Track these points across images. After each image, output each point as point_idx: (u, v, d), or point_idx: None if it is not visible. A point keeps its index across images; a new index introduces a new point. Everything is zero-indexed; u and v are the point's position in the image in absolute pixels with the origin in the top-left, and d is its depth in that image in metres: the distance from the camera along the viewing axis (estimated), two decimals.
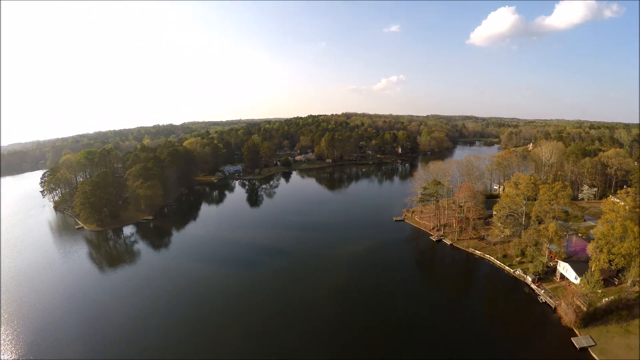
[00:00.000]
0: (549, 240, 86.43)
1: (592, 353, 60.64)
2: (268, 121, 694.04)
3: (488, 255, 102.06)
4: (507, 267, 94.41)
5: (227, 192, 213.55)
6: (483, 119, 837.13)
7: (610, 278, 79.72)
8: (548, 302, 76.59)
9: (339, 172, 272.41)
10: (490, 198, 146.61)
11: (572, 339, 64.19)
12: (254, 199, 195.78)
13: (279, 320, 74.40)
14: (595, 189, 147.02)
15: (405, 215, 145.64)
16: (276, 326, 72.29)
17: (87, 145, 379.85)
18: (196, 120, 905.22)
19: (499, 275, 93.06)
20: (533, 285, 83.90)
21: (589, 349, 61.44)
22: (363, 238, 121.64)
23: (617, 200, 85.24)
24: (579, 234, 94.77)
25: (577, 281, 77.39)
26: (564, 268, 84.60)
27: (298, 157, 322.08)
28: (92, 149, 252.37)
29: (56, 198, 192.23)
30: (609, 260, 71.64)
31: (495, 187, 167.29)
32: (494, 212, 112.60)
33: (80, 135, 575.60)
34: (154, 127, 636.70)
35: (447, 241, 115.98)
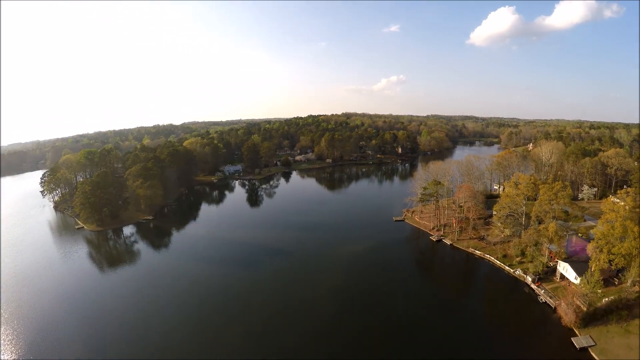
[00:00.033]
0: (549, 240, 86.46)
1: (592, 353, 60.66)
2: (268, 121, 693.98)
3: (488, 255, 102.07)
4: (507, 267, 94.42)
5: (227, 192, 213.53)
6: (483, 119, 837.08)
7: (610, 278, 79.73)
8: (548, 302, 76.59)
9: (339, 172, 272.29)
10: (490, 198, 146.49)
11: (572, 339, 64.20)
12: (254, 199, 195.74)
13: (279, 320, 74.40)
14: (595, 189, 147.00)
15: (405, 215, 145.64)
16: (276, 326, 72.29)
17: (87, 145, 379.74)
18: (196, 120, 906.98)
19: (499, 275, 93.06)
20: (533, 285, 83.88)
21: (589, 349, 61.45)
22: (363, 238, 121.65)
23: (617, 200, 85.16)
24: (579, 234, 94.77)
25: (577, 281, 77.39)
26: (564, 268, 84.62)
27: (298, 157, 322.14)
28: (92, 149, 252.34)
29: (56, 198, 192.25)
30: (609, 260, 71.67)
31: (495, 187, 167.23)
32: (494, 212, 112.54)
33: (80, 135, 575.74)
34: (154, 127, 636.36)
35: (447, 241, 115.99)
